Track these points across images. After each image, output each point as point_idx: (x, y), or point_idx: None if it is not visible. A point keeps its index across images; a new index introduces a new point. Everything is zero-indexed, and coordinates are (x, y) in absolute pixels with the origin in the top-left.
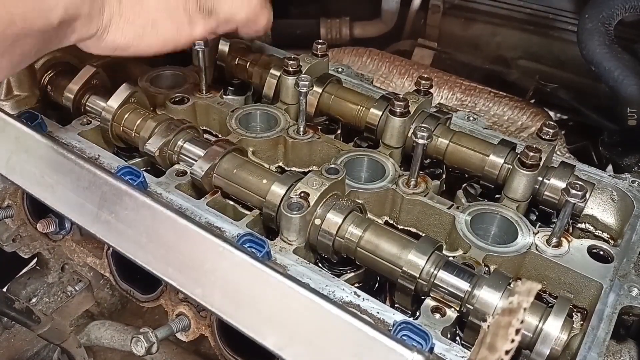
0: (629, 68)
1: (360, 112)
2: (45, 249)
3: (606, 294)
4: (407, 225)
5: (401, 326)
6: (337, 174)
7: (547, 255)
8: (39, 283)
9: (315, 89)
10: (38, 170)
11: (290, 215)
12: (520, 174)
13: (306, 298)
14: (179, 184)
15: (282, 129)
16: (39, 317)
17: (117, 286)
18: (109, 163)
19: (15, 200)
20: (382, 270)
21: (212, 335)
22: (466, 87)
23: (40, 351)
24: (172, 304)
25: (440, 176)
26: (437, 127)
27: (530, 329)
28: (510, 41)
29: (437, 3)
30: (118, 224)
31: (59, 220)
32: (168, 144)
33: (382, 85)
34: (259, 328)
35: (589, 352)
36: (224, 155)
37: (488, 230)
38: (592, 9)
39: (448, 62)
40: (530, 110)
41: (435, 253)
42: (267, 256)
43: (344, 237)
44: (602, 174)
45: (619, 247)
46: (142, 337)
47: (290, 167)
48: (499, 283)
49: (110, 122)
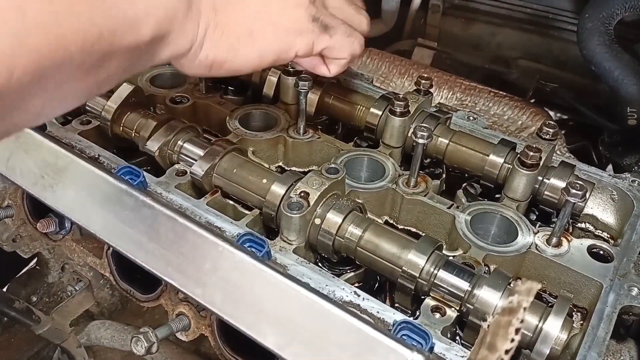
0: (629, 68)
1: (360, 112)
2: (45, 248)
3: (606, 293)
4: (407, 225)
5: (401, 326)
6: (337, 173)
7: (547, 254)
8: (39, 283)
9: (315, 89)
10: (38, 170)
11: (290, 215)
12: (520, 174)
13: (306, 298)
14: (179, 183)
15: (282, 129)
16: (39, 317)
17: (117, 286)
18: (109, 163)
19: (15, 200)
20: (382, 269)
21: (212, 335)
22: (466, 87)
23: (40, 351)
24: (172, 303)
25: (440, 176)
26: (437, 127)
27: (530, 328)
28: (510, 41)
29: (437, 3)
30: (118, 223)
31: (59, 220)
32: (168, 144)
33: (382, 85)
34: (259, 328)
35: (589, 351)
36: (223, 155)
37: (488, 229)
38: (592, 8)
39: (448, 62)
40: (530, 110)
41: (435, 253)
42: (267, 256)
43: (344, 236)
44: (602, 174)
45: (619, 247)
46: (142, 337)
47: (290, 166)
48: (499, 283)
49: (110, 121)
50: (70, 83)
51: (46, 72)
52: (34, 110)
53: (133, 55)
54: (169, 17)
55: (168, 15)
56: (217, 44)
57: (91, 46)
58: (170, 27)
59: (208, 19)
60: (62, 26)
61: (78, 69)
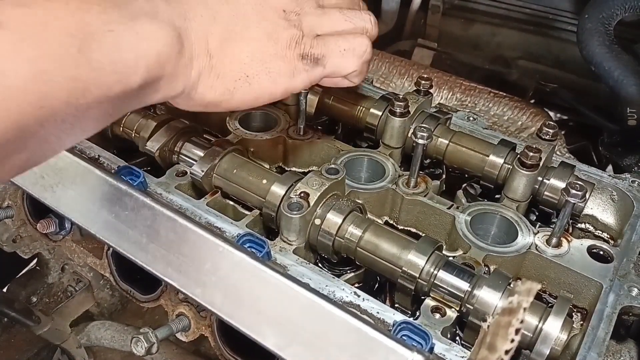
0: (629, 68)
1: (360, 113)
2: (45, 249)
3: (606, 293)
4: (407, 225)
5: (401, 326)
6: (337, 174)
7: (547, 255)
8: (39, 283)
9: (315, 90)
10: (38, 170)
11: (290, 216)
12: (520, 174)
13: (306, 298)
14: (179, 184)
15: (282, 130)
16: (39, 317)
17: (117, 286)
18: (109, 163)
19: (15, 200)
20: (382, 270)
21: (212, 335)
22: (466, 87)
23: (40, 351)
24: (172, 304)
25: (440, 176)
26: (437, 127)
27: (530, 328)
28: (510, 41)
29: (437, 3)
30: (118, 224)
31: (59, 221)
32: (168, 144)
33: (382, 86)
34: (259, 328)
35: (588, 352)
36: (223, 156)
37: (488, 230)
38: (592, 9)
39: (448, 62)
40: (530, 110)
41: (435, 253)
42: (267, 256)
43: (344, 237)
44: (602, 174)
45: (619, 247)
46: (142, 337)
47: (290, 167)
48: (499, 283)
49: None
50: (55, 135)
51: (29, 130)
52: (19, 163)
53: (121, 102)
54: (160, 62)
55: (159, 61)
56: (213, 87)
57: (76, 101)
58: (162, 73)
59: (202, 63)
60: (46, 85)
61: (63, 122)
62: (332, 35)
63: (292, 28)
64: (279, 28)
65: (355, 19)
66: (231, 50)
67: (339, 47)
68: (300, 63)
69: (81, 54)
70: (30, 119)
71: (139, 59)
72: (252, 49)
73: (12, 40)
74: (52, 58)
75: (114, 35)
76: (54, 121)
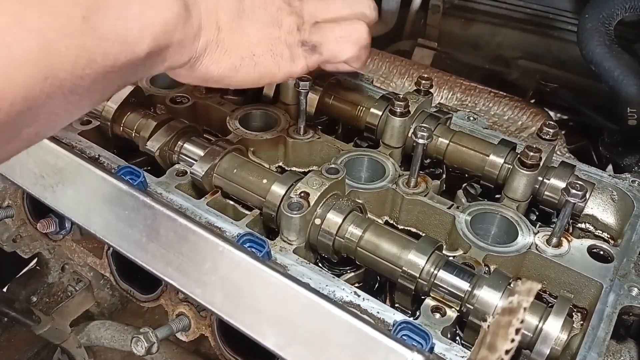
0: (629, 68)
1: (360, 112)
2: (45, 249)
3: (606, 293)
4: (407, 225)
5: (401, 326)
6: (337, 173)
7: (547, 255)
8: (39, 283)
9: (315, 89)
10: (38, 170)
11: (290, 215)
12: (520, 174)
13: (306, 298)
14: (179, 183)
15: (282, 129)
16: (39, 317)
17: (117, 286)
18: (109, 163)
19: (15, 200)
20: (382, 270)
21: (212, 335)
22: (466, 87)
23: (40, 351)
24: (172, 304)
25: (440, 176)
26: (437, 127)
27: (530, 328)
28: (510, 41)
29: (437, 3)
30: (118, 223)
31: (59, 220)
32: (168, 144)
33: (382, 85)
34: (259, 328)
35: (589, 352)
36: (224, 155)
37: (488, 230)
38: (592, 9)
39: (448, 62)
40: (530, 110)
41: (435, 253)
42: (267, 256)
43: (344, 237)
44: (602, 174)
45: (619, 247)
46: (142, 337)
47: (291, 167)
48: (499, 283)
49: (110, 122)
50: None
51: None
52: (28, 137)
53: (128, 71)
54: (167, 31)
55: (165, 30)
56: (218, 61)
57: (82, 71)
58: (169, 41)
59: (210, 35)
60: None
61: (70, 93)
62: (328, 23)
63: (294, 14)
64: (283, 13)
65: (354, 4)
66: (241, 27)
67: (335, 35)
68: (300, 49)
69: (86, 23)
70: (37, 90)
71: (145, 28)
72: (260, 29)
73: (15, 10)
74: (57, 28)
75: (120, 3)
76: (61, 93)
